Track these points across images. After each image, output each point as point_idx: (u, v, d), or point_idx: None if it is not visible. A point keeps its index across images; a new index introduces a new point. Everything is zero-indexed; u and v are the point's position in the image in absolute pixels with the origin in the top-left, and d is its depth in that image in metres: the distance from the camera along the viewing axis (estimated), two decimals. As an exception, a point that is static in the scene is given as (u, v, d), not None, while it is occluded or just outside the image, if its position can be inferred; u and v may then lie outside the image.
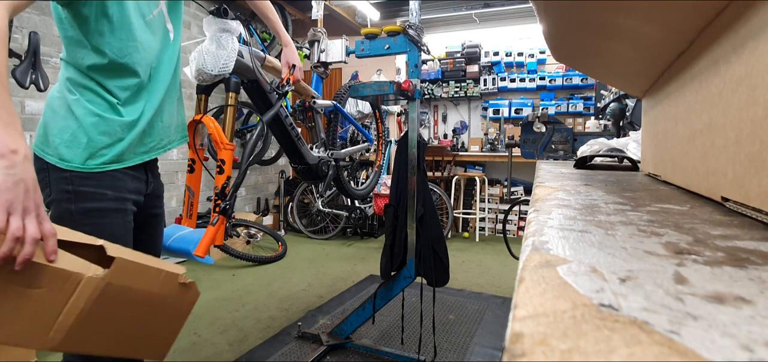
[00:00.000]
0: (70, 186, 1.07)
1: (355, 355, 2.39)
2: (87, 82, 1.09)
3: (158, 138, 1.24)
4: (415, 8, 2.20)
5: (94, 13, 1.04)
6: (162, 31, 1.21)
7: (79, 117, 1.07)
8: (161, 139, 1.25)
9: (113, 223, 1.12)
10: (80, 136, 1.07)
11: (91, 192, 1.09)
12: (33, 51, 2.55)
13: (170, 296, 1.01)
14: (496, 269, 4.06)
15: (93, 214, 1.09)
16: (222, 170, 1.65)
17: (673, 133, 0.76)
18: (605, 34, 0.77)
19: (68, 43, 1.08)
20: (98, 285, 0.86)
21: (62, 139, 1.07)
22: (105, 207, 1.11)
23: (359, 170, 3.53)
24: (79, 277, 0.84)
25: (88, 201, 1.08)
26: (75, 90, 1.08)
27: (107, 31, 1.06)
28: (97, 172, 1.09)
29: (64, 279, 0.83)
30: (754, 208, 0.42)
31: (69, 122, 1.07)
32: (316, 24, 3.45)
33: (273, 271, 3.90)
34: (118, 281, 0.89)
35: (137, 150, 1.18)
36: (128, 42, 1.09)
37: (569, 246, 0.33)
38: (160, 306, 1.00)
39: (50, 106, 1.09)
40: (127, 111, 1.13)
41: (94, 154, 1.09)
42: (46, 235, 0.82)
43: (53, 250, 0.82)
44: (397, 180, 2.29)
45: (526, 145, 2.45)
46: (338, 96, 2.76)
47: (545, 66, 5.59)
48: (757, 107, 0.40)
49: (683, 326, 0.19)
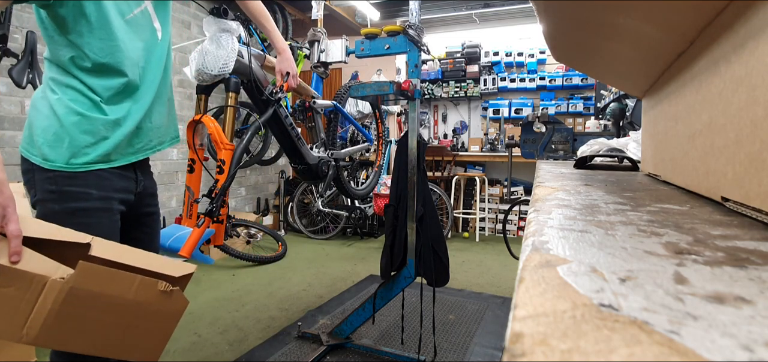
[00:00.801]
0: (54, 186, 1.07)
1: (355, 355, 2.39)
2: (69, 80, 1.08)
3: (147, 138, 1.23)
4: (415, 8, 2.20)
5: (72, 14, 1.04)
6: (148, 30, 1.20)
7: (61, 116, 1.07)
8: (151, 140, 1.24)
9: (99, 223, 1.13)
10: (63, 136, 1.07)
11: (76, 191, 1.09)
12: (30, 50, 2.55)
13: (152, 302, 1.00)
14: (496, 269, 4.06)
15: (79, 214, 1.09)
16: (222, 170, 1.65)
17: (673, 133, 0.76)
18: (605, 34, 0.77)
19: (50, 43, 1.08)
20: (63, 288, 0.87)
21: (45, 139, 1.07)
22: (90, 207, 1.11)
23: (359, 170, 3.53)
24: (43, 280, 0.85)
25: (73, 201, 1.08)
26: (57, 89, 1.08)
27: (86, 31, 1.06)
28: (82, 172, 1.09)
29: (29, 281, 0.84)
30: (754, 208, 0.42)
31: (52, 122, 1.07)
32: (316, 24, 3.45)
33: (273, 271, 3.90)
34: (83, 285, 0.89)
35: (125, 150, 1.17)
36: (109, 41, 1.09)
37: (569, 246, 0.33)
38: (142, 311, 0.99)
39: (34, 106, 1.09)
40: (111, 110, 1.12)
41: (77, 153, 1.08)
42: (10, 236, 0.82)
43: (15, 252, 0.83)
44: (397, 180, 2.29)
45: (526, 145, 2.45)
46: (338, 96, 2.77)
47: (545, 66, 5.59)
48: (757, 107, 0.40)
49: (683, 326, 0.19)
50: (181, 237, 1.62)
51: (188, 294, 3.55)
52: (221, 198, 1.66)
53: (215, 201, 1.63)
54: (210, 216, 1.61)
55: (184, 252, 1.54)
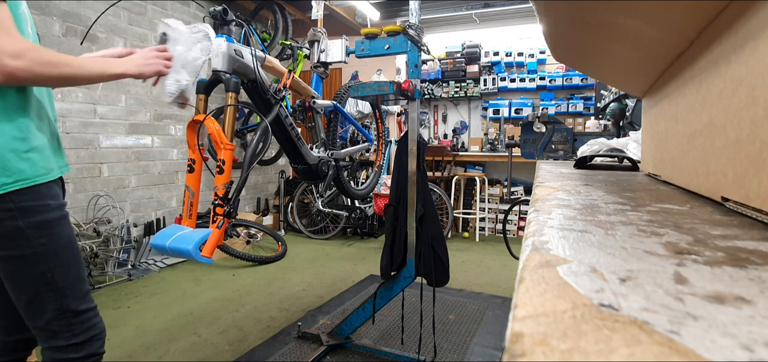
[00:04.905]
0: (10, 204, 1.06)
1: (355, 355, 2.39)
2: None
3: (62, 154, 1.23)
4: (415, 8, 2.20)
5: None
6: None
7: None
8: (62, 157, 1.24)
9: (64, 229, 1.15)
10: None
11: (35, 205, 1.09)
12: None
13: None
14: (496, 269, 4.06)
15: (45, 226, 1.10)
16: (222, 170, 1.65)
17: (673, 133, 0.76)
18: (605, 34, 0.77)
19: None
20: None
21: None
22: (54, 217, 1.13)
23: (359, 170, 3.53)
24: None
25: (35, 214, 1.09)
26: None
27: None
28: (33, 186, 1.09)
29: None
30: (754, 208, 0.42)
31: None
32: (316, 24, 3.45)
33: (273, 271, 3.90)
34: None
35: (57, 164, 1.18)
36: None
37: (569, 246, 0.33)
38: None
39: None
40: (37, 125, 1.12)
41: (10, 170, 1.06)
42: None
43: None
44: (397, 180, 2.29)
45: (526, 145, 2.45)
46: (338, 96, 2.76)
47: (545, 66, 5.59)
48: (757, 107, 0.40)
49: (683, 326, 0.19)
50: (184, 236, 1.61)
51: (188, 294, 3.57)
52: (237, 199, 1.67)
53: (232, 204, 1.64)
54: (228, 217, 1.63)
55: (205, 253, 1.54)
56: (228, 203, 1.64)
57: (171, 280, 3.62)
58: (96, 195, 3.59)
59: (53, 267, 1.13)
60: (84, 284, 1.22)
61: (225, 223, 1.62)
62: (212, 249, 1.57)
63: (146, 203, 4.15)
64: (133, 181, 4.01)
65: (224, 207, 1.63)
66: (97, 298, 3.16)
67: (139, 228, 4.02)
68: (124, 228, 3.69)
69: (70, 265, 1.17)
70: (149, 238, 3.93)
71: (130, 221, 3.86)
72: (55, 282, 1.14)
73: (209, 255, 1.55)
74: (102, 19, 3.59)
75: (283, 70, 2.13)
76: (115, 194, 3.77)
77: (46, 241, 1.10)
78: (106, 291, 3.33)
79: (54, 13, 3.29)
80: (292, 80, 2.15)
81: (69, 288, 1.17)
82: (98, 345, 1.23)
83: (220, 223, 1.61)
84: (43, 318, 1.15)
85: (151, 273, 3.78)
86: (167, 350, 2.43)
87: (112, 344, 2.47)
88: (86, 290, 1.22)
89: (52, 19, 3.28)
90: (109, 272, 3.57)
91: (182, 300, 3.17)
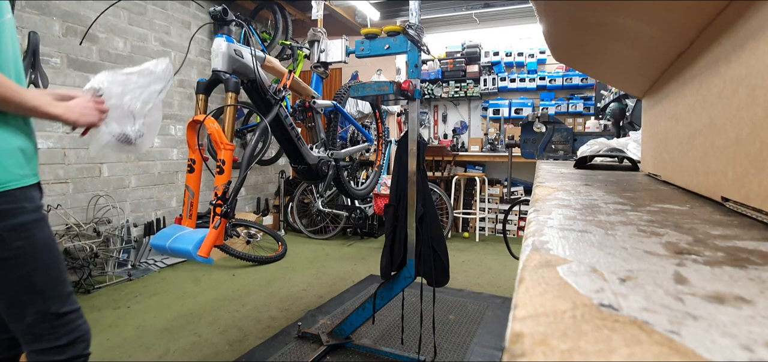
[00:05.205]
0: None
1: (355, 355, 2.39)
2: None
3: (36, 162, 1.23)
4: (415, 8, 2.20)
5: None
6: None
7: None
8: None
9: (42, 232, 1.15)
10: None
11: (11, 208, 1.09)
12: (32, 51, 2.55)
13: None
14: (496, 269, 4.06)
15: (21, 229, 1.11)
16: (222, 170, 1.65)
17: (673, 133, 0.76)
18: (605, 34, 0.77)
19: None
20: None
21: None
22: (30, 220, 1.12)
23: (359, 170, 3.53)
24: None
25: (10, 217, 1.09)
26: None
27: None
28: (7, 191, 1.09)
29: None
30: (754, 208, 0.42)
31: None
32: (316, 24, 3.45)
33: (273, 271, 3.90)
34: None
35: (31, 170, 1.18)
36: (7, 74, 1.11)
37: (569, 246, 0.33)
38: None
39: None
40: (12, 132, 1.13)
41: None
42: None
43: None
44: (397, 180, 2.29)
45: (526, 145, 2.45)
46: (338, 96, 2.76)
47: (545, 66, 5.59)
48: (757, 107, 0.40)
49: (683, 326, 0.19)
50: (184, 236, 1.62)
51: (188, 293, 3.57)
52: (235, 199, 1.67)
53: (230, 204, 1.64)
54: (226, 217, 1.63)
55: (202, 253, 1.54)
56: (226, 203, 1.64)
57: (171, 280, 3.62)
58: (96, 195, 3.59)
59: (32, 270, 1.13)
60: (65, 286, 1.22)
61: (222, 223, 1.62)
62: (209, 248, 1.57)
63: (146, 203, 4.15)
64: (133, 180, 4.01)
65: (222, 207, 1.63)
66: (97, 298, 3.16)
67: (139, 228, 4.03)
68: (124, 228, 3.70)
69: (49, 267, 1.17)
70: (149, 238, 3.93)
71: (130, 221, 3.86)
72: (34, 285, 1.14)
73: (206, 254, 1.55)
74: (102, 19, 3.59)
75: (283, 70, 2.13)
76: (115, 194, 3.77)
77: (23, 244, 1.11)
78: (106, 291, 3.33)
79: (54, 13, 3.29)
80: (292, 80, 2.15)
81: (49, 290, 1.17)
82: (83, 347, 1.23)
83: (217, 223, 1.61)
84: (24, 321, 1.15)
85: (151, 273, 3.78)
86: (167, 350, 2.43)
87: (112, 344, 2.47)
88: (68, 292, 1.22)
89: (52, 19, 3.28)
90: (109, 272, 3.57)
91: (182, 300, 3.17)
